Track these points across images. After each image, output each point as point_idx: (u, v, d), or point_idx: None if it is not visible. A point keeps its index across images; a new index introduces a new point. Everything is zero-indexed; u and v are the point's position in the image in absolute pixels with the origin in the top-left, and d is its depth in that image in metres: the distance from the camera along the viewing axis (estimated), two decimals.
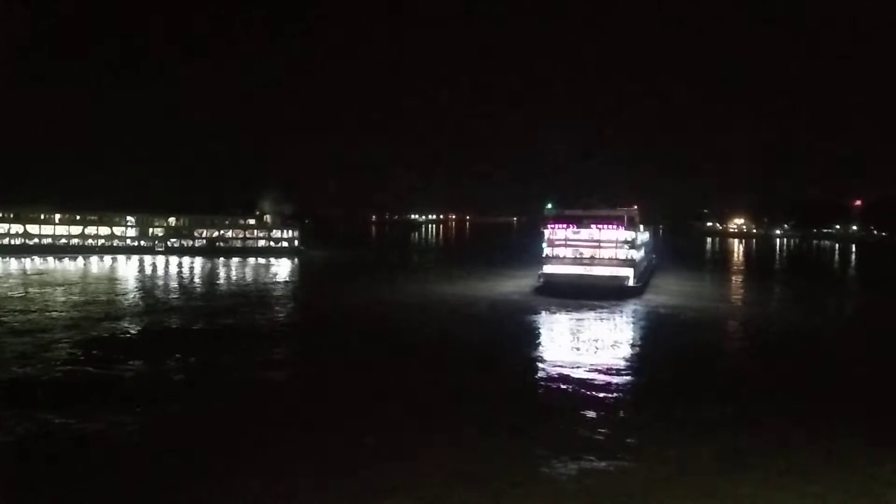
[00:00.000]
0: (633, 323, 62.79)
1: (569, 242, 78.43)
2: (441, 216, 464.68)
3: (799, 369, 45.30)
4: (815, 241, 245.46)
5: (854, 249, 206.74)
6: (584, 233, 78.29)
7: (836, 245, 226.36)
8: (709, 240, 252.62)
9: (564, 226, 79.05)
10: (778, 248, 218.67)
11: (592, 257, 77.05)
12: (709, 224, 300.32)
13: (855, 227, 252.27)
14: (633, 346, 53.14)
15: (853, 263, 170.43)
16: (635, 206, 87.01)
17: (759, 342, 57.50)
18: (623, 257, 77.16)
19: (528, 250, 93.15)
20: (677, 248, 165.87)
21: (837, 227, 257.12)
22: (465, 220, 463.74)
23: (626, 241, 77.98)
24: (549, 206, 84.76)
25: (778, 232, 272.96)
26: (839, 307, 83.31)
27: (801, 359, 49.44)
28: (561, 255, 78.10)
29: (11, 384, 36.20)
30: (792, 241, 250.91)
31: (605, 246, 77.08)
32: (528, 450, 27.93)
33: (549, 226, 79.84)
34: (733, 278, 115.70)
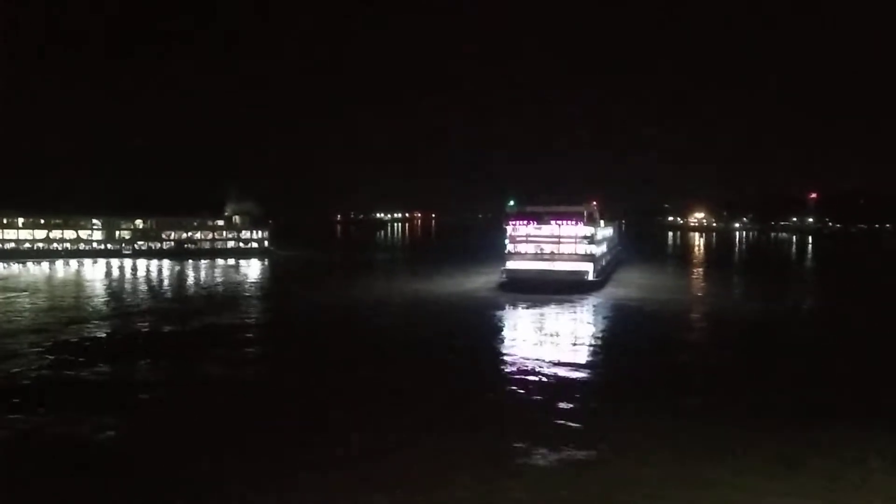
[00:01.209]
0: (590, 316, 65.08)
1: (530, 238, 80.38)
2: (406, 215, 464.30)
3: (740, 360, 47.77)
4: (773, 234, 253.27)
5: (811, 241, 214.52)
6: (545, 228, 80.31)
7: (794, 237, 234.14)
8: (670, 234, 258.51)
9: (525, 222, 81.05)
10: (736, 240, 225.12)
11: (553, 253, 79.18)
12: (670, 218, 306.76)
13: (811, 220, 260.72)
14: (587, 338, 55.31)
15: (809, 253, 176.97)
16: (594, 202, 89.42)
17: (714, 333, 60.48)
18: (582, 252, 79.45)
19: (493, 247, 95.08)
20: (640, 242, 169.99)
21: (795, 219, 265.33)
22: (431, 218, 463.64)
23: (585, 237, 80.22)
24: (511, 203, 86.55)
25: (737, 225, 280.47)
26: (791, 295, 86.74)
27: (744, 349, 52.08)
28: (523, 251, 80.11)
29: None
30: (751, 233, 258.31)
31: (565, 241, 79.27)
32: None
33: (510, 222, 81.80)
34: (693, 270, 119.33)
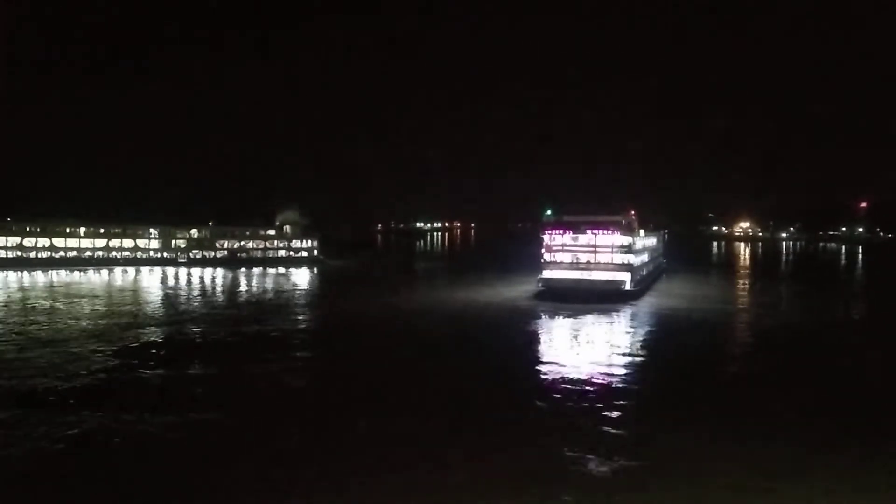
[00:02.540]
0: (626, 325, 64.28)
1: (566, 248, 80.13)
2: (446, 224, 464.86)
3: (775, 371, 46.73)
4: (821, 244, 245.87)
5: (860, 251, 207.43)
6: (582, 238, 79.96)
7: (843, 247, 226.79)
8: (715, 244, 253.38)
9: (562, 231, 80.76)
10: (783, 251, 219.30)
11: (589, 262, 78.70)
12: (714, 228, 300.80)
13: (861, 230, 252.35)
14: (619, 347, 54.73)
15: (859, 264, 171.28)
16: (632, 212, 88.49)
17: (754, 342, 59.25)
18: (620, 262, 78.75)
19: (529, 256, 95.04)
20: (683, 252, 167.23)
21: (843, 229, 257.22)
22: (470, 227, 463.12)
23: (621, 246, 79.55)
24: (549, 212, 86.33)
25: (784, 235, 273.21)
26: (839, 308, 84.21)
27: (784, 361, 50.83)
28: (559, 261, 79.83)
29: (45, 391, 37.69)
30: (798, 243, 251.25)
31: (602, 251, 78.77)
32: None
33: (547, 232, 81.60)
34: (737, 281, 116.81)
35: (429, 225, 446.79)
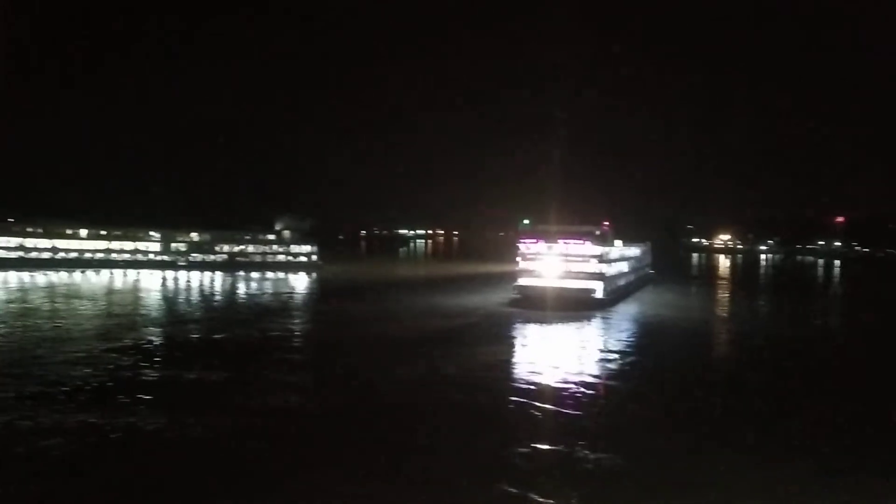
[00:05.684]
0: (594, 331, 69.25)
1: (541, 256, 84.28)
2: (429, 231, 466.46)
3: (724, 376, 51.41)
4: (798, 257, 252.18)
5: (838, 264, 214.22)
6: (556, 247, 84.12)
7: (820, 260, 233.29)
8: (695, 255, 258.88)
9: (536, 240, 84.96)
10: (761, 263, 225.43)
11: (563, 271, 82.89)
12: (694, 240, 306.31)
13: (838, 244, 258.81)
14: (582, 350, 59.55)
15: (835, 276, 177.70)
16: (606, 223, 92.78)
17: (710, 346, 64.05)
18: (591, 271, 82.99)
19: (507, 264, 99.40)
20: (664, 263, 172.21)
21: (821, 243, 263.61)
22: (452, 235, 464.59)
23: (594, 256, 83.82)
24: (526, 222, 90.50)
25: (763, 248, 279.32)
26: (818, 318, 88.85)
27: (737, 366, 55.59)
28: (534, 269, 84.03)
29: (50, 388, 40.30)
30: (776, 256, 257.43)
31: (575, 260, 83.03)
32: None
33: (523, 241, 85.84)
34: (715, 291, 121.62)
35: (412, 231, 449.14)
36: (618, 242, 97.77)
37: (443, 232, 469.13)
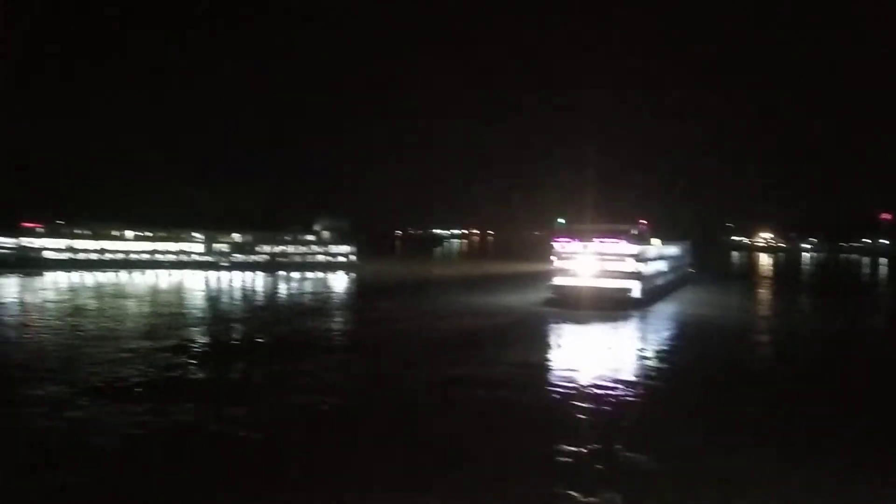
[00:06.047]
0: (628, 332, 68.69)
1: (577, 256, 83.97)
2: (464, 230, 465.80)
3: (761, 379, 50.62)
4: (843, 255, 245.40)
5: (885, 262, 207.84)
6: (591, 246, 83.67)
7: (865, 258, 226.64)
8: (736, 254, 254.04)
9: (572, 239, 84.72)
10: (804, 261, 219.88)
11: (599, 270, 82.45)
12: (734, 238, 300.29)
13: (885, 241, 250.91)
14: (621, 348, 59.21)
15: (882, 275, 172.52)
16: (643, 221, 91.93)
17: (752, 346, 63.16)
18: (628, 270, 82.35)
19: (543, 263, 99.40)
20: (705, 261, 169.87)
21: (867, 240, 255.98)
22: (487, 234, 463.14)
23: (631, 255, 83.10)
24: (561, 221, 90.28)
25: (806, 246, 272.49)
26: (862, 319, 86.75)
27: (770, 369, 54.70)
28: (569, 268, 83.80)
29: (105, 384, 42.04)
30: (820, 254, 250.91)
31: (611, 259, 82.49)
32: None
33: (558, 240, 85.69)
34: (757, 290, 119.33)
35: (447, 231, 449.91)
36: (656, 241, 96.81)
37: (478, 231, 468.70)
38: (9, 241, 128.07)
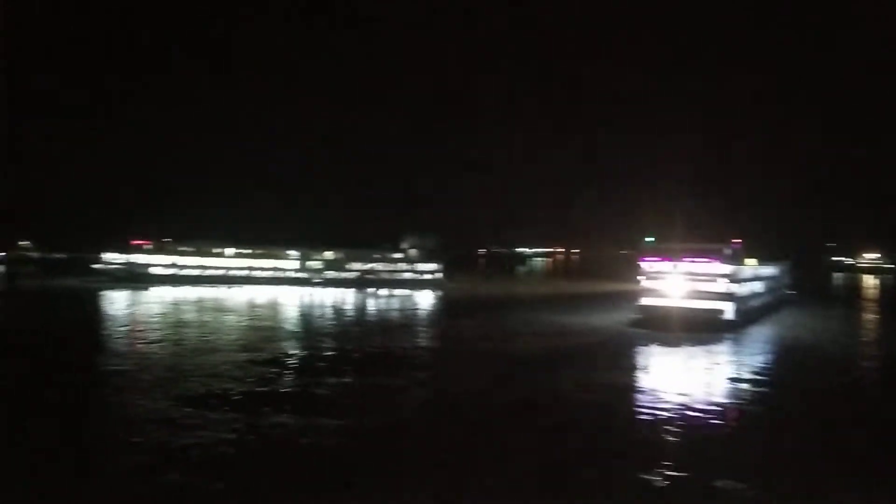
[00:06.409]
0: (720, 355, 65.91)
1: (665, 275, 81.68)
2: (548, 249, 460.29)
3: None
4: None
5: None
6: (681, 266, 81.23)
7: None
8: (839, 275, 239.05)
9: (660, 259, 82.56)
10: None
11: (689, 291, 79.93)
12: (836, 259, 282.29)
13: None
14: (712, 373, 57.00)
15: None
16: (736, 240, 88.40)
17: (857, 374, 59.46)
18: (720, 291, 79.35)
19: (628, 282, 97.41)
20: (806, 283, 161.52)
21: None
22: (572, 253, 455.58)
23: (724, 275, 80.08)
24: (649, 239, 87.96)
25: None
26: None
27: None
28: (657, 288, 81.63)
29: (200, 393, 44.49)
30: None
31: (702, 279, 79.76)
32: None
33: (646, 259, 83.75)
34: (860, 314, 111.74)
35: (530, 250, 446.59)
36: (752, 261, 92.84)
37: (562, 250, 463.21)
38: (120, 258, 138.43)
